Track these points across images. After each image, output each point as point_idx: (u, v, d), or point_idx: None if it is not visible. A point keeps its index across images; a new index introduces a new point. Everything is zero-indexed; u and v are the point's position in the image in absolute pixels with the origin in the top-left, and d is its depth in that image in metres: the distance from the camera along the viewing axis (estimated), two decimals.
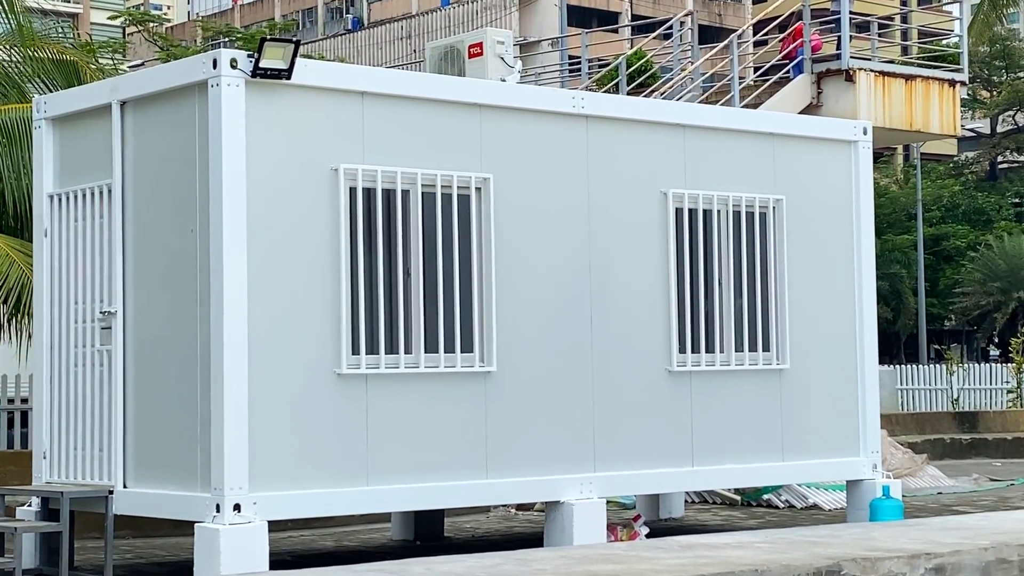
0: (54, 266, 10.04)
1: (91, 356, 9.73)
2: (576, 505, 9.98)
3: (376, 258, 9.43)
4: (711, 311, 10.92)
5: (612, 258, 10.48)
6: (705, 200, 10.93)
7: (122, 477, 9.42)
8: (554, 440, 10.07)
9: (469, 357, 9.75)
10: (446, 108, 9.82)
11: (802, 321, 11.34)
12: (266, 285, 8.97)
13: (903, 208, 48.30)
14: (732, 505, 14.28)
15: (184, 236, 9.13)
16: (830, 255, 11.63)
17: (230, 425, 8.73)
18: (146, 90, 9.56)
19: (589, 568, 5.47)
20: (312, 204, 9.21)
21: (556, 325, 10.17)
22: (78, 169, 9.97)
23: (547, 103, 10.41)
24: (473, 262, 9.81)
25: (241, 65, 8.93)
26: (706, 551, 6.01)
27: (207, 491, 8.78)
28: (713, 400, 10.85)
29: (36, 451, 10.08)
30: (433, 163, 9.69)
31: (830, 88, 18.77)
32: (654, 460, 10.54)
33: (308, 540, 11.73)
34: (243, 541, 8.61)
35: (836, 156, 11.75)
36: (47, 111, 10.22)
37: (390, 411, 9.41)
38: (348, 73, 9.92)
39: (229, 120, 8.88)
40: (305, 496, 9.05)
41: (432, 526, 11.74)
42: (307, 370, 9.11)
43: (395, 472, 9.38)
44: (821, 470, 11.74)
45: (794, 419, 11.27)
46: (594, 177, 10.44)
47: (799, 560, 5.71)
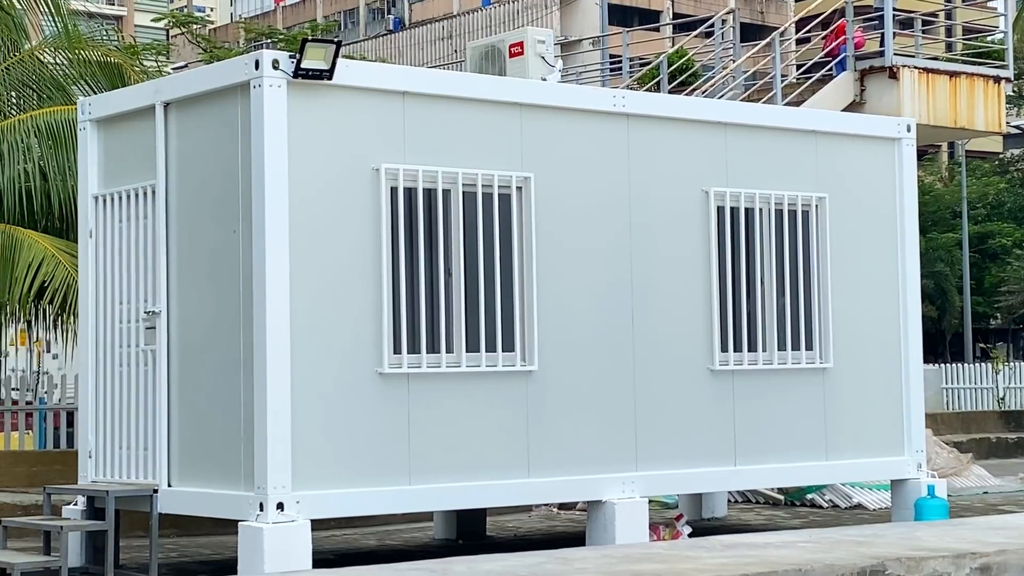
0: (99, 266, 10.12)
1: (136, 356, 9.79)
2: (618, 504, 9.97)
3: (417, 258, 9.44)
4: (753, 310, 10.88)
5: (653, 257, 10.45)
6: (747, 198, 10.89)
7: (166, 476, 9.47)
8: (596, 439, 10.05)
9: (511, 356, 9.75)
10: (487, 107, 9.82)
11: (846, 320, 11.28)
12: (308, 285, 9.00)
13: (948, 206, 47.93)
14: (775, 505, 14.22)
15: (227, 236, 9.17)
16: (874, 253, 11.56)
17: (273, 424, 8.77)
18: (189, 91, 9.61)
19: (631, 567, 5.46)
20: (353, 204, 9.23)
21: (597, 324, 10.15)
22: (122, 170, 10.04)
23: (588, 102, 10.40)
24: (514, 261, 9.81)
25: (283, 66, 8.97)
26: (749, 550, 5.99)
27: (251, 490, 8.82)
28: (756, 399, 10.81)
29: (82, 450, 10.15)
30: (474, 162, 9.69)
31: (873, 85, 18.65)
32: (696, 459, 10.51)
33: (350, 539, 11.76)
34: (286, 540, 8.64)
35: (880, 154, 11.68)
36: (92, 113, 10.29)
37: (432, 410, 9.42)
38: (389, 73, 9.94)
39: (271, 121, 8.92)
40: (347, 495, 9.08)
41: (474, 525, 11.75)
42: (349, 369, 9.14)
43: (437, 471, 9.39)
44: (865, 469, 11.68)
45: (838, 418, 11.20)
46: (635, 176, 10.42)
47: (843, 560, 5.68)
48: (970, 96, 19.16)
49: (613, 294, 10.25)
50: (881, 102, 18.38)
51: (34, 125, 13.64)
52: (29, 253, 12.98)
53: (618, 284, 10.28)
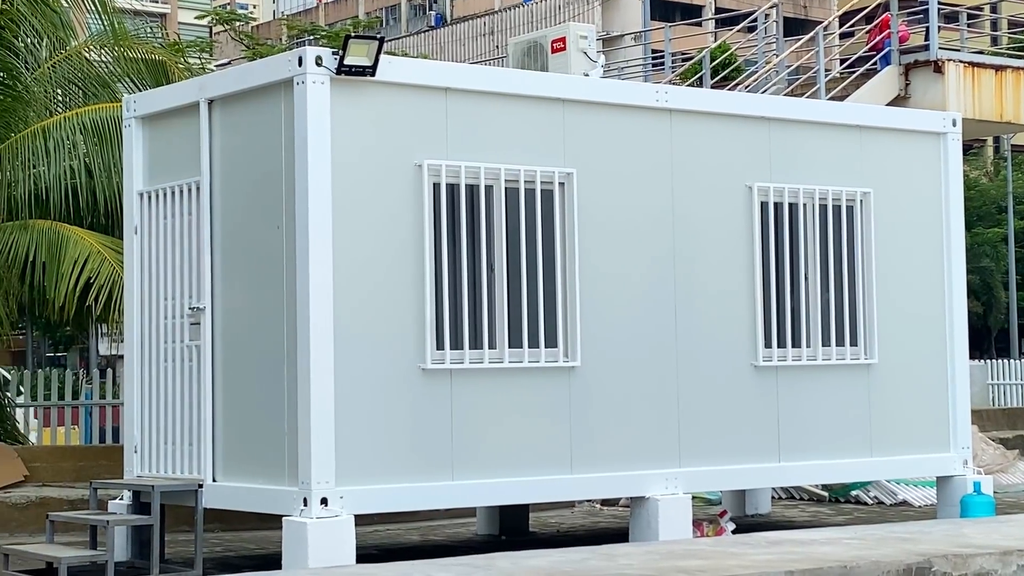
0: (144, 263, 10.18)
1: (180, 351, 9.85)
2: (661, 500, 9.94)
3: (460, 253, 9.45)
4: (797, 305, 10.83)
5: (697, 252, 10.42)
6: (791, 194, 10.84)
7: (211, 471, 9.53)
8: (639, 435, 10.04)
9: (553, 352, 9.75)
10: (529, 103, 9.82)
11: (890, 315, 11.22)
12: (351, 281, 9.03)
13: (993, 201, 47.53)
14: (820, 501, 14.16)
15: (271, 232, 9.21)
16: (919, 249, 11.49)
17: (317, 420, 8.80)
18: (233, 88, 9.66)
19: (675, 563, 5.44)
20: (396, 200, 9.25)
21: (640, 319, 10.13)
22: (167, 167, 10.10)
23: (631, 97, 10.38)
24: (556, 257, 9.80)
25: (326, 63, 9.00)
26: (794, 547, 5.96)
27: (294, 485, 8.86)
28: (800, 395, 10.76)
29: (127, 445, 10.22)
30: (516, 158, 9.69)
31: (918, 80, 18.54)
32: (740, 455, 10.47)
33: (393, 534, 11.79)
34: (330, 535, 8.68)
35: (925, 148, 11.60)
36: (136, 110, 10.35)
37: (474, 406, 9.43)
38: (431, 69, 9.96)
39: (314, 117, 8.94)
40: (390, 490, 9.10)
41: (517, 521, 11.75)
42: (392, 365, 9.16)
43: (480, 467, 9.40)
44: (911, 466, 11.60)
45: (883, 414, 11.14)
46: (678, 171, 10.39)
47: (889, 556, 5.65)
48: (1016, 90, 19.00)
49: (656, 289, 10.23)
50: (926, 96, 18.26)
51: (80, 122, 13.74)
52: (75, 250, 13.08)
53: (661, 279, 10.25)
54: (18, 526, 11.53)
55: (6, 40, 14.46)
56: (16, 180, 13.57)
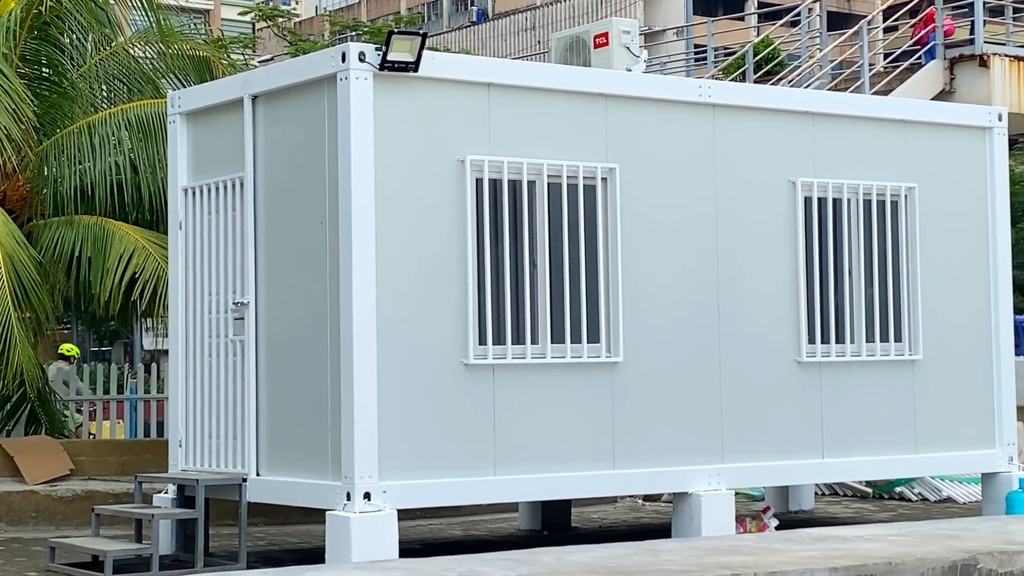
0: (188, 258, 10.24)
1: (224, 346, 9.90)
2: (704, 496, 9.92)
3: (502, 249, 9.46)
4: (841, 301, 10.78)
5: (740, 248, 10.39)
6: (835, 189, 10.79)
7: (255, 465, 9.57)
8: (682, 431, 10.02)
9: (596, 347, 9.74)
10: (572, 98, 9.81)
11: (935, 311, 11.15)
12: (394, 276, 9.05)
13: None
14: (863, 498, 14.09)
15: (314, 228, 9.24)
16: (964, 244, 11.41)
17: (360, 414, 8.83)
18: (276, 84, 9.69)
19: (719, 559, 5.44)
20: (439, 195, 9.26)
21: (683, 314, 10.11)
22: (211, 162, 10.15)
23: (674, 92, 10.36)
24: (599, 252, 9.79)
25: (369, 58, 9.02)
26: (838, 543, 5.95)
27: (338, 479, 8.89)
28: (844, 391, 10.71)
29: (172, 440, 10.29)
30: (559, 154, 9.69)
31: (963, 74, 18.41)
32: (783, 451, 10.43)
33: (436, 529, 11.82)
34: (373, 529, 8.70)
35: (970, 143, 11.52)
36: (181, 106, 10.41)
37: (517, 401, 9.43)
38: (474, 65, 9.95)
39: (357, 113, 8.97)
40: (433, 485, 9.12)
41: (559, 516, 11.75)
42: (435, 360, 9.17)
43: (522, 462, 9.40)
44: (955, 463, 11.53)
45: (927, 411, 11.08)
46: (721, 166, 10.36)
47: (934, 553, 5.63)
48: None
49: (699, 285, 10.20)
50: (971, 91, 18.14)
51: (125, 118, 13.82)
52: (120, 245, 13.16)
53: (704, 275, 10.23)
54: (64, 519, 11.63)
55: (52, 37, 14.57)
56: (62, 176, 13.67)
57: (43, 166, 13.90)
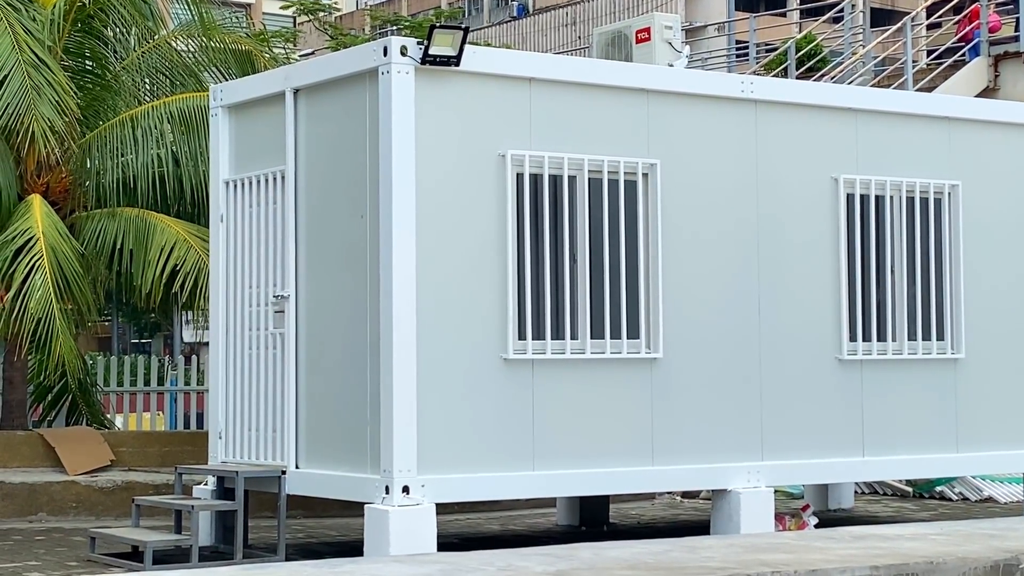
0: (229, 251, 10.28)
1: (265, 339, 9.93)
2: (743, 493, 9.89)
3: (543, 244, 9.44)
4: (883, 299, 10.72)
5: (781, 244, 10.34)
6: (877, 186, 10.72)
7: (294, 458, 9.60)
8: (721, 427, 9.98)
9: (635, 343, 9.72)
10: (613, 94, 9.78)
11: (978, 310, 11.06)
12: (434, 270, 9.05)
13: None
14: (903, 497, 14.00)
15: (355, 221, 9.26)
16: (1008, 242, 11.32)
17: (399, 408, 8.84)
18: (318, 78, 9.71)
19: (758, 556, 5.42)
20: (480, 190, 9.26)
21: (724, 311, 10.07)
22: (253, 156, 10.18)
23: (715, 88, 10.31)
24: (640, 248, 9.76)
25: (411, 52, 9.02)
26: (878, 542, 5.92)
27: (376, 473, 8.90)
28: (885, 389, 10.65)
29: (212, 431, 10.33)
30: (600, 149, 9.66)
31: (1008, 71, 18.26)
32: (823, 449, 10.38)
33: (474, 523, 11.82)
34: (412, 523, 8.71)
35: (1015, 140, 11.43)
36: (223, 99, 10.45)
37: (556, 396, 9.42)
38: (515, 59, 9.94)
39: (399, 106, 8.97)
40: (472, 479, 9.13)
41: (597, 512, 11.74)
42: (474, 355, 9.17)
43: (561, 457, 9.39)
44: (997, 462, 11.44)
45: (969, 410, 11.00)
46: (763, 162, 10.31)
47: (975, 553, 5.59)
48: None
49: (740, 281, 10.16)
50: (1016, 88, 17.99)
51: (167, 111, 13.88)
52: (162, 237, 13.22)
53: (745, 271, 10.18)
54: (104, 510, 11.71)
55: (96, 30, 14.65)
56: (104, 168, 13.74)
57: (86, 158, 13.98)
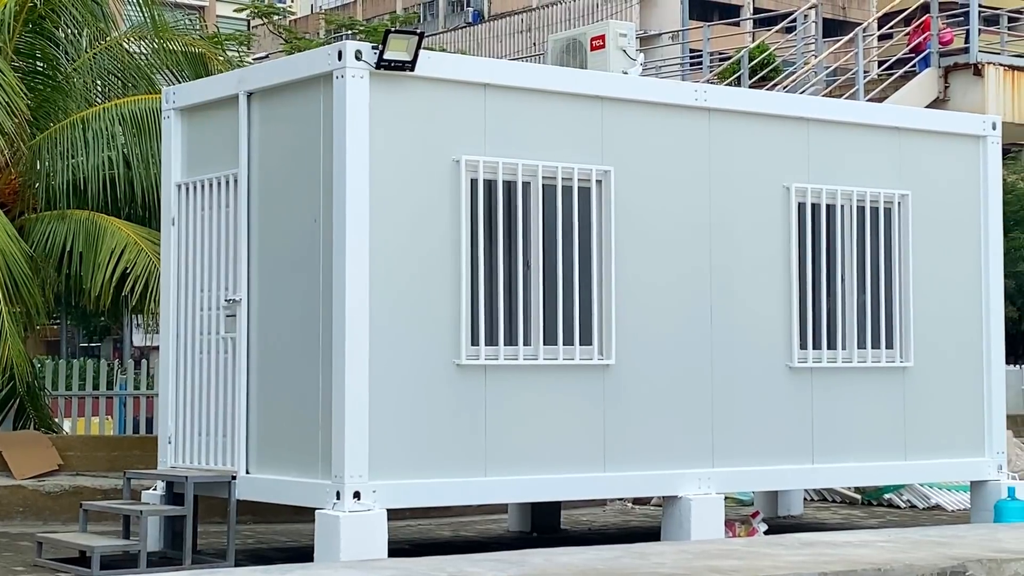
0: (181, 254, 10.22)
1: (216, 343, 9.88)
2: (694, 500, 9.92)
3: (496, 250, 9.45)
4: (833, 307, 10.80)
5: (733, 252, 10.39)
6: (828, 195, 10.80)
7: (245, 463, 9.56)
8: (673, 434, 10.02)
9: (588, 350, 9.74)
10: (568, 100, 9.81)
11: (927, 319, 11.16)
12: (387, 275, 9.04)
13: None
14: (852, 504, 14.10)
15: (308, 226, 9.23)
16: (956, 252, 11.43)
17: (351, 413, 8.82)
18: (272, 81, 9.68)
19: (708, 563, 5.44)
20: (434, 195, 9.26)
21: (676, 318, 10.11)
22: (205, 159, 10.13)
23: (669, 96, 10.36)
24: (593, 255, 9.79)
25: (366, 57, 9.01)
26: (827, 549, 5.95)
27: (328, 478, 8.88)
28: (834, 397, 10.72)
29: (161, 436, 10.26)
30: (554, 155, 9.69)
31: (957, 82, 18.42)
32: (774, 456, 10.44)
33: (425, 529, 11.81)
34: (363, 528, 8.69)
35: (964, 151, 11.54)
36: (176, 102, 10.39)
37: (508, 402, 9.43)
38: (471, 65, 9.95)
39: (353, 111, 8.96)
40: (424, 485, 9.11)
41: (548, 518, 11.75)
42: (427, 360, 9.17)
43: (513, 463, 9.40)
44: (945, 470, 11.55)
45: (918, 418, 11.09)
46: (716, 170, 10.37)
47: (923, 560, 5.64)
48: None
49: (692, 289, 10.20)
50: (965, 99, 18.13)
51: (118, 113, 13.79)
52: (112, 240, 13.13)
53: (697, 279, 10.23)
54: (52, 515, 11.61)
55: (47, 30, 14.54)
56: (55, 170, 13.64)
57: (36, 160, 13.87)
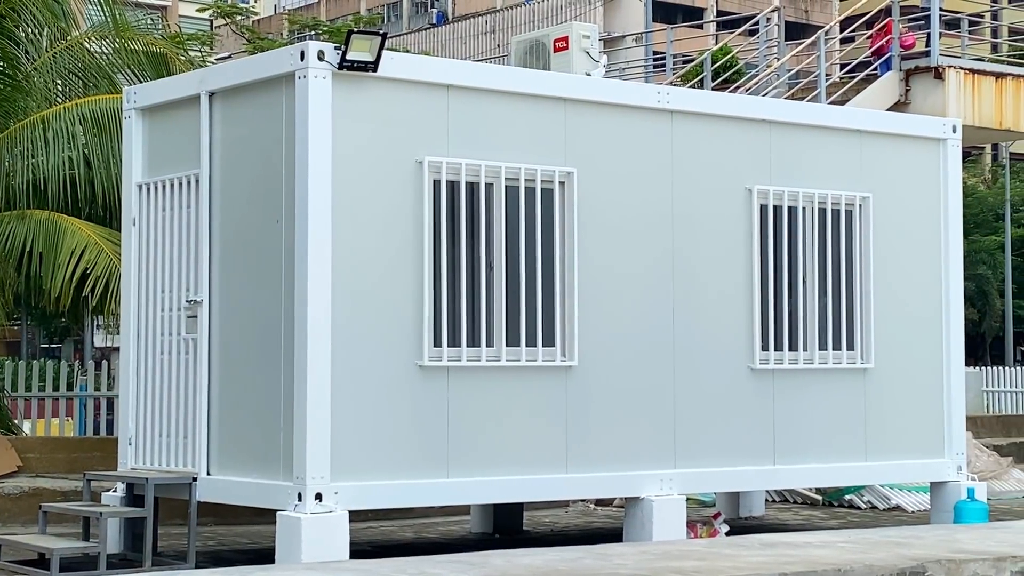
0: (142, 255, 10.17)
1: (177, 344, 9.84)
2: (656, 501, 9.95)
3: (459, 251, 9.45)
4: (795, 309, 10.84)
5: (695, 254, 10.42)
6: (790, 197, 10.85)
7: (206, 464, 9.51)
8: (635, 435, 10.04)
9: (551, 351, 9.74)
10: (531, 102, 9.81)
11: (888, 321, 11.22)
12: (350, 276, 9.02)
13: (990, 208, 47.56)
14: (813, 505, 14.16)
15: (270, 226, 9.20)
16: (917, 254, 11.49)
17: (313, 415, 8.80)
18: (234, 81, 9.65)
19: (670, 564, 5.46)
20: (396, 196, 9.24)
21: (638, 320, 10.13)
22: (166, 159, 10.08)
23: (632, 98, 10.38)
24: (556, 256, 9.80)
25: (328, 57, 8.99)
26: (788, 549, 5.98)
27: (289, 480, 8.85)
28: (796, 398, 10.77)
29: (122, 437, 10.21)
30: (517, 157, 9.69)
31: (918, 86, 18.53)
32: (735, 458, 10.47)
33: (387, 531, 11.79)
34: (324, 530, 8.67)
35: (924, 154, 11.61)
36: (137, 101, 10.34)
37: (471, 404, 9.42)
38: (434, 66, 9.94)
39: (316, 111, 8.94)
40: (386, 487, 9.10)
41: (511, 519, 11.75)
42: (389, 362, 9.15)
43: (475, 464, 9.39)
44: (905, 471, 11.61)
45: (878, 419, 11.15)
46: (678, 172, 10.39)
47: (883, 560, 5.66)
48: (1016, 97, 19.00)
49: (655, 290, 10.23)
50: (926, 103, 18.25)
51: (79, 113, 13.72)
52: (72, 240, 13.06)
53: (660, 281, 10.25)
54: (11, 516, 11.53)
55: (7, 29, 14.44)
56: (15, 170, 13.55)
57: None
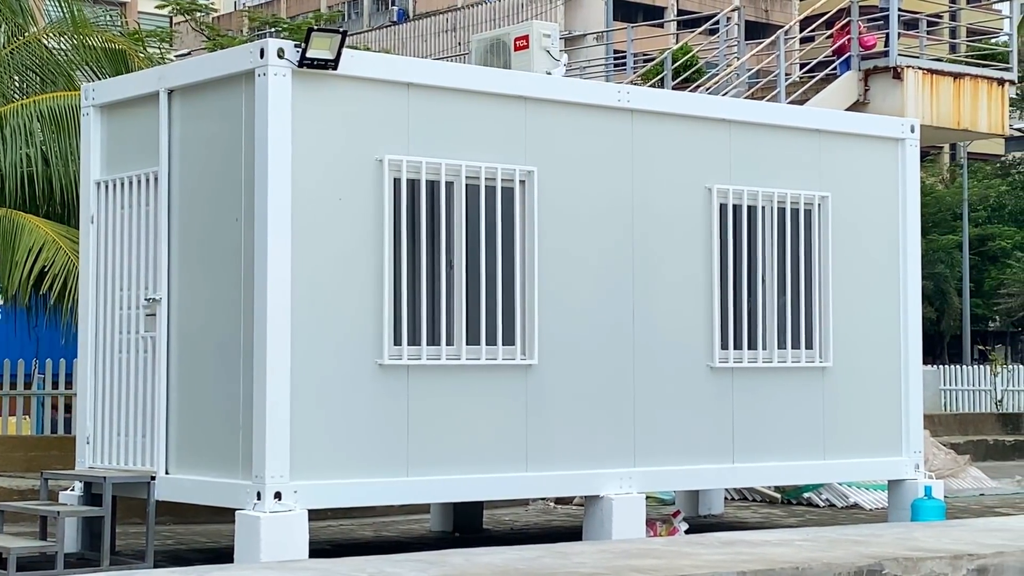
0: (100, 253, 10.11)
1: (135, 343, 9.79)
2: (615, 500, 9.97)
3: (419, 249, 9.44)
4: (754, 308, 10.89)
5: (655, 253, 10.45)
6: (750, 196, 10.89)
7: (164, 463, 9.47)
8: (594, 434, 10.05)
9: (511, 350, 9.75)
10: (491, 100, 9.81)
11: (846, 319, 11.28)
12: (309, 274, 9.00)
13: (948, 208, 47.92)
14: (772, 503, 14.22)
15: (229, 224, 9.17)
16: (875, 254, 11.56)
17: (272, 413, 8.77)
18: (194, 79, 9.60)
19: (630, 562, 5.47)
20: (357, 194, 9.22)
21: (598, 319, 10.15)
22: (125, 156, 10.03)
23: (593, 96, 10.39)
24: (516, 255, 9.80)
25: (288, 55, 8.96)
26: (747, 548, 6.00)
27: (248, 479, 8.82)
28: (755, 397, 10.81)
29: (79, 436, 10.15)
30: (478, 155, 9.69)
31: (877, 85, 18.63)
32: (695, 456, 10.51)
33: (347, 530, 11.76)
34: (283, 529, 8.64)
35: (883, 154, 11.68)
36: (95, 98, 10.28)
37: (431, 402, 9.42)
38: (394, 64, 9.92)
39: (275, 109, 8.91)
40: (345, 486, 9.08)
41: (471, 518, 11.75)
42: (349, 360, 9.13)
43: (435, 463, 9.39)
44: (863, 469, 11.68)
45: (836, 418, 11.21)
46: (638, 171, 10.42)
47: (841, 559, 5.70)
48: (974, 98, 19.13)
49: (614, 289, 10.25)
50: (885, 102, 18.35)
51: (37, 110, 13.63)
52: (30, 238, 12.97)
53: (620, 279, 10.27)
54: None
55: None
56: None
57: None
